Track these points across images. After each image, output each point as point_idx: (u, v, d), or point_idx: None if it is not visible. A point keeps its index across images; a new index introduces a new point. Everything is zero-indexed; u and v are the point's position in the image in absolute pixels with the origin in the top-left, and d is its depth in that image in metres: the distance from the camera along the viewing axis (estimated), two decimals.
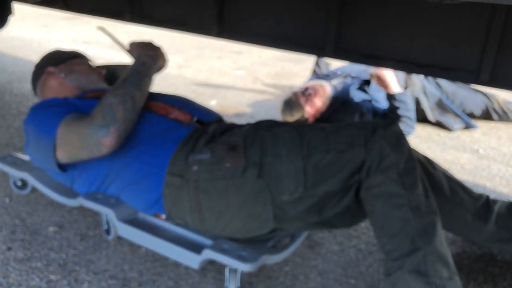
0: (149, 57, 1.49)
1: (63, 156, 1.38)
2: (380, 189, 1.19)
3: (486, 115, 2.86)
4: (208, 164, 1.30)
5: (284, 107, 2.68)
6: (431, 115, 2.76)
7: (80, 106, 1.45)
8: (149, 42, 1.58)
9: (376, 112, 2.59)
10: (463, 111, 2.81)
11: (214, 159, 1.30)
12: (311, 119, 2.66)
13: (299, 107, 2.61)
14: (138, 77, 1.40)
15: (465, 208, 1.40)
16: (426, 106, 2.73)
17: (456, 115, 2.74)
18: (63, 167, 1.44)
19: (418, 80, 2.74)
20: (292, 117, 2.66)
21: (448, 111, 2.75)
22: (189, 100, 1.61)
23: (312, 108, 2.62)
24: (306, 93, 2.63)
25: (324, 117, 2.65)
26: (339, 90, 2.70)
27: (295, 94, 2.65)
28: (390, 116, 2.52)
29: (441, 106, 2.75)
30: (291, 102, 2.65)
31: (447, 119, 2.75)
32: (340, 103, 2.63)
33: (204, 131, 1.42)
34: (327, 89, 2.67)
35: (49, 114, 1.39)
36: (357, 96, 2.65)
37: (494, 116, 2.86)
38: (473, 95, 2.83)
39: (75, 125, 1.33)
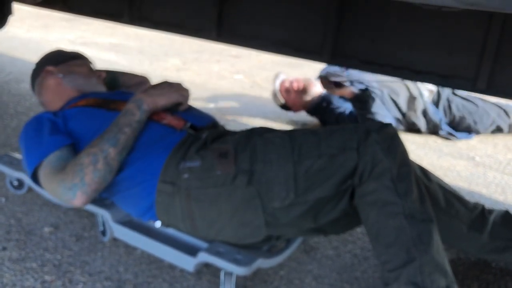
0: (134, 102, 1.40)
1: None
2: (374, 197, 1.17)
3: (495, 131, 2.79)
4: (198, 172, 1.28)
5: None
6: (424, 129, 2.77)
7: (68, 118, 1.46)
8: (158, 84, 1.49)
9: (352, 116, 2.71)
10: (470, 127, 2.75)
11: (204, 167, 1.28)
12: (295, 109, 2.89)
13: (277, 92, 2.88)
14: (116, 131, 1.34)
15: (461, 219, 1.39)
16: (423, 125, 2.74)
17: (451, 134, 2.74)
18: None
19: (425, 98, 2.72)
20: (277, 101, 2.91)
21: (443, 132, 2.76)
22: None
23: (289, 96, 2.84)
24: (288, 82, 2.85)
25: (310, 112, 2.88)
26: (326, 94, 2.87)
27: (281, 81, 2.89)
28: (360, 116, 2.65)
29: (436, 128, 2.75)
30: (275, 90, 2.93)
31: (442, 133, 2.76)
32: (326, 104, 2.80)
33: (196, 137, 1.40)
34: (313, 85, 2.85)
35: (34, 143, 1.41)
36: (341, 104, 2.80)
37: (505, 129, 2.78)
38: (487, 114, 2.73)
39: (50, 177, 1.34)
